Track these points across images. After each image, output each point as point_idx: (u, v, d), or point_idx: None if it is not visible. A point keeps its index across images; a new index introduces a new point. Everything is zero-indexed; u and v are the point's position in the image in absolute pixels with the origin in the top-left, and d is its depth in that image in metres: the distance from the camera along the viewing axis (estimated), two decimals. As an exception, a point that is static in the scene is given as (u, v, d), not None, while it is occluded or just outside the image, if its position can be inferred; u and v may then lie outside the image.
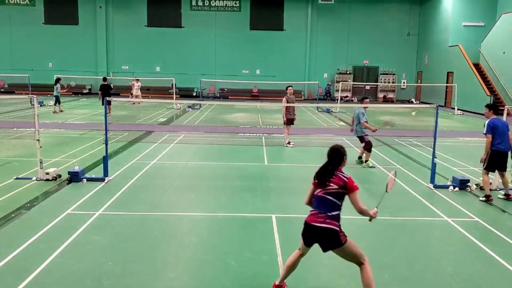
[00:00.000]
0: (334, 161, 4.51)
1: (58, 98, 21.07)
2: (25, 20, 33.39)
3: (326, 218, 4.33)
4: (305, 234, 4.47)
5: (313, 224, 4.36)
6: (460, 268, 5.45)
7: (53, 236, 6.11)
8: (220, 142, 13.97)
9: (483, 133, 8.42)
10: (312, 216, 4.42)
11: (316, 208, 4.43)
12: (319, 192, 4.44)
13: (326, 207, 4.37)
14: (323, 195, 4.40)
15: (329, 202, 4.37)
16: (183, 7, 33.87)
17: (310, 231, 4.41)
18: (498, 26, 25.74)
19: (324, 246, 4.44)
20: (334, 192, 4.36)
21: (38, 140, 8.93)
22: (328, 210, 4.35)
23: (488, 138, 8.20)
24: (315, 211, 4.42)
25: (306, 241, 4.49)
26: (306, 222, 4.45)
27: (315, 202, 4.48)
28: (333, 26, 34.03)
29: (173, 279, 4.99)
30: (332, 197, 4.36)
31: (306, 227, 4.45)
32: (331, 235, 4.33)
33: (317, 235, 4.38)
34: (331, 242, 4.36)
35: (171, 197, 8.18)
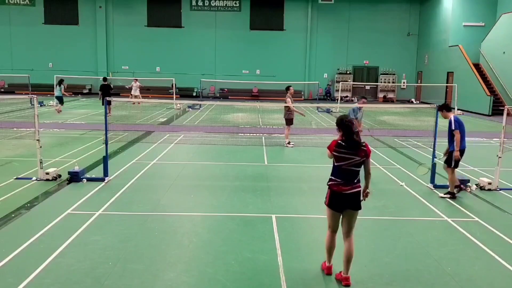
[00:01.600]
0: (352, 132, 4.82)
1: (61, 98, 21.19)
2: (25, 20, 33.38)
3: (355, 184, 4.85)
4: (334, 202, 4.89)
5: (343, 192, 4.81)
6: (460, 268, 5.45)
7: (53, 236, 6.11)
8: (220, 142, 13.97)
9: (452, 130, 8.13)
10: (343, 186, 4.82)
11: (344, 179, 4.82)
12: (343, 165, 4.79)
13: (354, 177, 4.85)
14: (349, 168, 4.80)
15: (355, 173, 4.85)
16: (183, 7, 33.87)
17: (339, 198, 4.85)
18: (498, 26, 25.74)
19: (353, 207, 4.87)
20: (361, 162, 4.83)
21: (38, 140, 8.93)
22: (355, 179, 4.85)
23: (458, 134, 8.05)
24: (344, 181, 4.82)
25: (336, 207, 4.90)
26: (335, 191, 4.85)
27: (340, 171, 4.83)
28: (333, 26, 34.02)
29: (173, 279, 4.99)
30: (357, 167, 4.84)
31: (335, 195, 4.86)
32: (359, 196, 4.90)
33: (347, 200, 4.84)
34: (358, 203, 4.88)
35: (171, 197, 8.18)
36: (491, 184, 8.97)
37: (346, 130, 4.78)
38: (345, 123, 4.80)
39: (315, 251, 5.84)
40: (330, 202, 4.91)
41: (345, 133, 4.79)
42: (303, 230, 6.67)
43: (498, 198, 8.53)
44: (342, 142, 4.80)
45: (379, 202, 8.05)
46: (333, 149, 4.84)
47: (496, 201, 8.31)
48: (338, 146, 4.80)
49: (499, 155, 8.93)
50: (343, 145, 4.78)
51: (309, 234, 6.49)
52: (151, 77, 30.28)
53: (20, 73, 30.38)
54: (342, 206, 4.87)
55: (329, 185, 4.92)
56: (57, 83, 21.59)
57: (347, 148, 4.76)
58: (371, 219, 7.22)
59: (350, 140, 4.77)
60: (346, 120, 4.84)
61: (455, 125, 8.08)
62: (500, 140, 9.09)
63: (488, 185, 8.95)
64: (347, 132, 4.78)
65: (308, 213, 7.33)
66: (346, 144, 4.77)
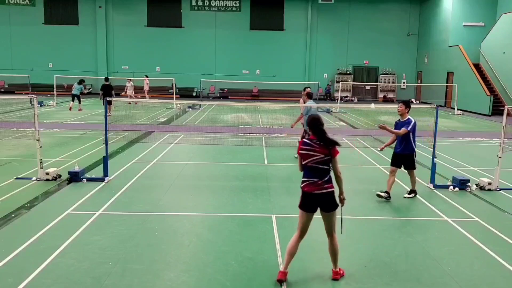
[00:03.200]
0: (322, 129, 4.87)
1: (79, 97, 21.79)
2: (25, 20, 33.37)
3: (323, 184, 4.83)
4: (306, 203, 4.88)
5: (314, 192, 4.81)
6: (460, 268, 5.45)
7: (53, 236, 6.11)
8: (220, 142, 13.97)
9: (405, 128, 7.93)
10: (313, 186, 4.81)
11: (312, 177, 4.84)
12: (308, 162, 4.82)
13: (322, 176, 4.83)
14: (313, 165, 4.81)
15: (322, 171, 4.83)
16: (183, 7, 33.87)
17: (311, 199, 4.85)
18: (498, 26, 25.74)
19: (327, 208, 4.88)
20: (326, 160, 4.81)
21: (38, 140, 8.93)
22: (323, 178, 4.83)
23: (405, 132, 7.91)
24: (313, 180, 4.83)
25: (308, 208, 4.89)
26: (306, 192, 4.85)
27: (308, 170, 4.86)
28: (333, 26, 34.02)
29: (173, 279, 4.99)
30: (323, 165, 4.81)
31: (306, 196, 4.86)
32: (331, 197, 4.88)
33: (319, 200, 4.84)
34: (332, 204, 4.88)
35: (171, 197, 8.18)
36: (491, 184, 8.97)
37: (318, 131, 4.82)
38: (317, 125, 4.85)
39: (315, 251, 5.84)
40: (302, 203, 4.92)
41: (317, 134, 4.82)
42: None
43: (498, 198, 8.53)
44: (307, 140, 4.87)
45: (379, 202, 8.05)
46: (299, 149, 4.91)
47: (496, 201, 8.31)
48: (303, 144, 4.88)
49: (499, 155, 8.93)
50: (307, 143, 4.84)
51: (309, 234, 6.46)
52: (151, 77, 30.25)
53: (20, 73, 30.38)
54: (314, 207, 4.87)
55: (301, 187, 4.92)
56: (78, 82, 22.05)
57: (311, 146, 4.80)
58: (371, 219, 7.22)
59: (323, 138, 4.79)
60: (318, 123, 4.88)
61: (412, 127, 7.96)
62: (500, 140, 9.09)
63: (488, 185, 8.96)
64: (318, 132, 4.81)
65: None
66: (313, 142, 4.81)
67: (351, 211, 7.58)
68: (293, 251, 4.94)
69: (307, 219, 4.94)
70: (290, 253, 4.94)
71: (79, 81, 22.35)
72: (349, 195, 8.50)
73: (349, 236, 6.47)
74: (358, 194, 8.61)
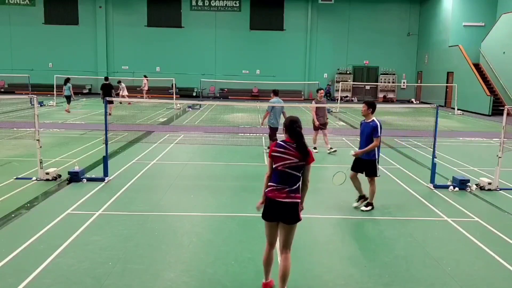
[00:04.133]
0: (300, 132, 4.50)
1: (69, 98, 21.46)
2: (25, 20, 33.37)
3: (290, 192, 4.43)
4: (268, 210, 4.49)
5: (277, 199, 4.41)
6: (460, 268, 5.45)
7: (53, 236, 6.11)
8: (220, 142, 13.97)
9: (373, 134, 7.25)
10: (279, 192, 4.43)
11: (280, 183, 4.45)
12: (279, 166, 4.44)
13: (292, 183, 4.46)
14: (285, 170, 4.43)
15: (293, 178, 4.46)
16: (183, 7, 33.87)
17: (273, 206, 4.45)
18: (498, 26, 25.74)
19: (289, 220, 4.47)
20: (299, 165, 4.44)
21: (38, 140, 8.93)
22: (292, 186, 4.45)
23: (378, 142, 7.26)
24: (280, 187, 4.44)
25: (268, 217, 4.51)
26: (269, 197, 4.46)
27: (277, 175, 4.48)
28: (333, 26, 34.03)
29: (173, 279, 4.99)
30: (295, 171, 4.44)
31: (269, 202, 4.47)
32: (295, 209, 4.46)
33: (281, 210, 4.43)
34: (295, 216, 4.46)
35: (171, 197, 8.18)
36: (491, 184, 8.97)
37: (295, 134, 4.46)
38: (294, 128, 4.47)
39: (315, 251, 5.84)
40: (264, 212, 4.51)
41: (293, 137, 4.46)
42: (303, 230, 6.65)
43: (498, 198, 8.53)
44: (282, 142, 4.49)
45: (379, 202, 8.05)
46: (271, 151, 4.49)
47: (496, 201, 8.31)
48: (277, 146, 4.48)
49: (499, 155, 8.93)
50: (281, 145, 4.45)
51: (309, 234, 6.49)
52: (151, 77, 30.27)
53: (20, 73, 30.40)
54: (275, 216, 4.46)
55: (265, 192, 4.52)
56: (64, 83, 21.80)
57: (285, 148, 4.42)
58: (371, 219, 7.22)
59: (300, 143, 4.43)
60: (296, 125, 4.49)
61: (380, 131, 7.26)
62: (500, 140, 9.09)
63: (488, 185, 8.96)
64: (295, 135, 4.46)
65: (308, 213, 7.29)
66: (288, 144, 4.45)
67: (351, 211, 7.60)
68: (269, 261, 4.65)
69: (271, 229, 4.54)
70: (267, 264, 4.65)
71: (65, 81, 21.91)
72: (349, 195, 8.53)
73: (349, 236, 6.47)
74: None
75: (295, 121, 4.52)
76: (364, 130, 7.44)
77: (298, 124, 4.50)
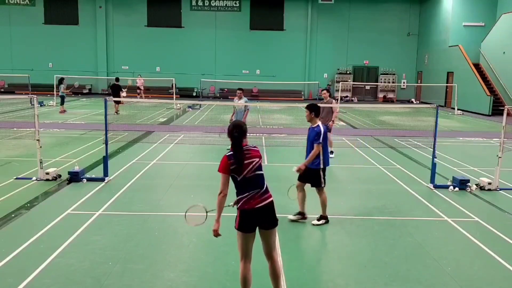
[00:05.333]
0: (241, 137, 4.35)
1: (63, 98, 21.36)
2: (25, 20, 33.36)
3: (265, 194, 4.32)
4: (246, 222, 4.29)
5: (255, 207, 4.24)
6: (460, 268, 5.45)
7: (53, 236, 6.11)
8: (220, 142, 13.95)
9: (315, 141, 6.65)
10: (253, 200, 4.26)
11: (252, 188, 4.30)
12: (248, 173, 4.28)
13: (261, 183, 4.36)
14: (254, 173, 4.31)
15: (261, 178, 4.38)
16: (183, 7, 33.86)
17: (251, 216, 4.27)
18: (498, 26, 25.73)
19: (269, 224, 4.33)
20: (260, 164, 4.36)
21: (38, 140, 8.93)
22: (263, 186, 4.35)
23: (319, 148, 6.66)
24: (253, 193, 4.28)
25: (248, 228, 4.29)
26: (245, 209, 4.27)
27: (245, 184, 4.31)
28: (333, 26, 34.02)
29: (173, 279, 4.99)
30: (260, 170, 4.36)
31: (246, 214, 4.27)
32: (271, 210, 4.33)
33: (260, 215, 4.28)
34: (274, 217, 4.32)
35: (171, 197, 8.18)
36: (491, 184, 8.97)
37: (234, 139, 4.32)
38: (233, 133, 4.30)
39: (315, 251, 5.84)
40: (241, 225, 4.27)
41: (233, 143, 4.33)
42: (303, 231, 6.67)
43: (498, 198, 8.53)
44: (231, 154, 4.31)
45: (379, 202, 8.05)
46: (228, 167, 4.29)
47: (496, 201, 8.31)
48: (230, 159, 4.28)
49: (499, 155, 8.93)
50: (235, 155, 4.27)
51: (309, 235, 6.49)
52: (151, 77, 30.27)
53: (20, 73, 30.37)
54: (253, 225, 4.27)
55: (238, 207, 4.33)
56: (58, 83, 21.75)
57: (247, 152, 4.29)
58: (371, 219, 7.22)
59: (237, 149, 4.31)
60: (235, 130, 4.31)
61: (323, 135, 6.67)
62: (500, 140, 9.09)
63: (488, 185, 8.95)
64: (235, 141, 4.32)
65: (308, 213, 7.32)
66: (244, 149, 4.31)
67: (351, 211, 7.60)
68: (248, 281, 4.32)
69: (248, 241, 4.30)
70: (245, 284, 4.33)
71: (59, 81, 21.81)
72: (349, 195, 8.54)
73: (349, 236, 6.47)
74: (358, 194, 8.61)
75: (238, 125, 4.35)
76: (309, 136, 6.85)
77: (239, 129, 4.31)
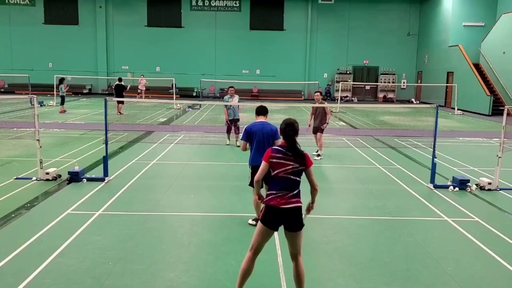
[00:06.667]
0: (293, 135, 4.36)
1: (63, 98, 21.40)
2: (25, 20, 33.37)
3: (292, 198, 4.28)
4: (270, 218, 4.32)
5: (281, 207, 4.25)
6: (460, 268, 5.45)
7: (53, 236, 6.10)
8: (220, 142, 13.96)
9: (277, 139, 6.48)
10: (281, 199, 4.26)
11: (281, 189, 4.29)
12: (280, 172, 4.28)
13: (293, 188, 4.31)
14: (286, 176, 4.28)
15: (294, 183, 4.32)
16: (183, 7, 33.86)
17: (277, 214, 4.28)
18: (498, 26, 25.74)
19: (293, 226, 4.34)
20: (299, 170, 4.32)
21: (38, 140, 8.93)
22: (293, 190, 4.31)
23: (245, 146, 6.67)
24: (282, 193, 4.27)
25: (271, 224, 4.34)
26: (271, 206, 4.28)
27: (277, 182, 4.32)
28: (333, 26, 34.02)
29: (173, 279, 4.99)
30: (296, 176, 4.31)
31: (272, 210, 4.28)
32: (298, 215, 4.31)
33: (285, 217, 4.29)
34: (299, 221, 4.33)
35: (171, 197, 8.18)
36: (491, 184, 8.97)
37: (288, 137, 4.33)
38: (288, 131, 4.33)
39: (315, 251, 5.84)
40: (264, 218, 4.32)
41: (287, 140, 4.34)
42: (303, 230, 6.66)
43: (498, 198, 8.53)
44: (279, 148, 4.35)
45: (379, 202, 8.05)
46: (269, 157, 4.31)
47: (496, 201, 8.31)
48: (274, 152, 4.33)
49: (499, 155, 8.93)
50: (280, 151, 4.31)
51: (309, 234, 6.48)
52: (151, 77, 30.27)
53: (20, 73, 30.38)
54: (277, 223, 4.33)
55: (266, 201, 4.36)
56: (58, 83, 21.79)
57: (284, 154, 4.29)
58: (371, 219, 7.23)
59: (292, 147, 4.31)
60: (289, 128, 4.34)
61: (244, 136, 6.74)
62: (500, 140, 9.09)
63: (488, 185, 8.95)
64: (289, 139, 4.33)
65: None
66: (285, 149, 4.31)
67: (351, 211, 7.60)
68: (249, 271, 4.42)
69: (265, 237, 4.38)
70: (245, 274, 4.43)
71: (60, 81, 21.91)
72: (350, 195, 8.54)
73: (349, 236, 6.47)
74: (358, 194, 8.61)
75: (291, 124, 4.38)
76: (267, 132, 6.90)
77: (294, 128, 4.36)
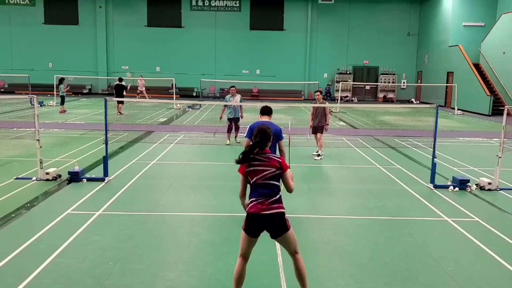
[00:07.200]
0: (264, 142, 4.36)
1: (63, 98, 21.40)
2: (25, 20, 33.38)
3: (272, 203, 4.25)
4: (251, 226, 4.30)
5: (262, 213, 4.22)
6: (460, 268, 5.45)
7: (53, 236, 6.10)
8: (220, 142, 13.96)
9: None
10: (261, 205, 4.24)
11: (261, 195, 4.26)
12: (258, 179, 4.27)
13: (272, 193, 4.29)
14: (265, 182, 4.27)
15: (273, 188, 4.30)
16: (183, 7, 33.87)
17: (257, 221, 4.26)
18: (498, 26, 25.74)
19: (275, 233, 4.33)
20: (277, 175, 4.30)
21: (38, 140, 8.93)
22: (273, 196, 4.28)
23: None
24: (262, 199, 4.25)
25: (253, 232, 4.32)
26: (251, 213, 4.27)
27: (256, 189, 4.31)
28: (333, 26, 34.03)
29: (173, 279, 4.99)
30: (274, 180, 4.30)
31: (252, 218, 4.27)
32: (281, 219, 4.29)
33: (266, 223, 4.27)
34: (281, 226, 4.30)
35: (171, 197, 8.18)
36: (491, 184, 8.96)
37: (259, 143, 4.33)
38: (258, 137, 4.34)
39: (315, 251, 5.84)
40: (247, 227, 4.30)
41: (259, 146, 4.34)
42: (303, 231, 6.66)
43: (498, 198, 8.53)
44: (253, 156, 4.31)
45: (379, 202, 8.06)
46: (243, 170, 4.33)
47: (496, 201, 8.31)
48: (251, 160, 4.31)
49: (499, 155, 8.93)
50: (255, 158, 4.29)
51: (309, 235, 6.48)
52: (151, 77, 30.28)
53: (20, 73, 30.40)
54: (258, 230, 4.30)
55: (247, 210, 4.36)
56: (58, 83, 21.81)
57: (259, 160, 4.28)
58: (371, 219, 7.22)
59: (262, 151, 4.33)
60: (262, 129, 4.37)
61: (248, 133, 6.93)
62: (500, 140, 9.09)
63: (488, 185, 8.95)
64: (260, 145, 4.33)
65: (308, 213, 7.34)
66: (260, 155, 4.31)
67: (351, 211, 7.60)
68: (241, 277, 4.42)
69: (249, 244, 4.36)
70: (239, 280, 4.42)
71: (59, 81, 21.97)
72: (350, 195, 8.54)
73: (349, 236, 6.47)
74: (358, 194, 8.61)
75: (263, 129, 4.38)
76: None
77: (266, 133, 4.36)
